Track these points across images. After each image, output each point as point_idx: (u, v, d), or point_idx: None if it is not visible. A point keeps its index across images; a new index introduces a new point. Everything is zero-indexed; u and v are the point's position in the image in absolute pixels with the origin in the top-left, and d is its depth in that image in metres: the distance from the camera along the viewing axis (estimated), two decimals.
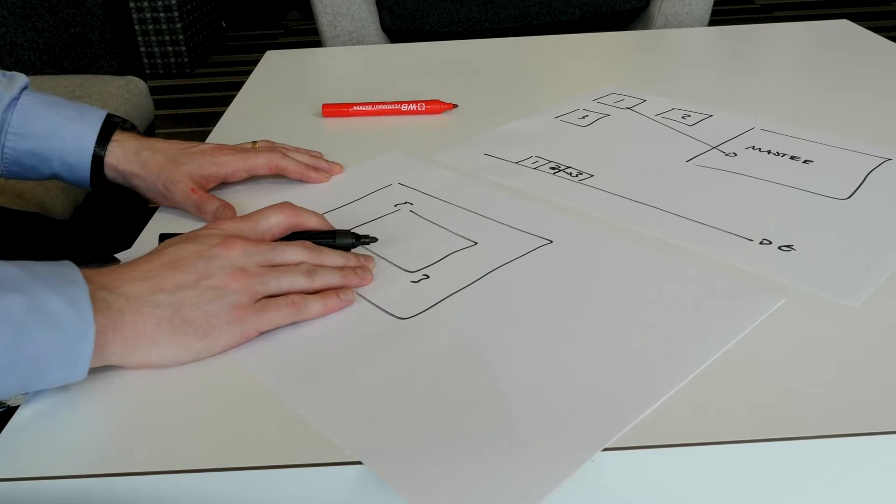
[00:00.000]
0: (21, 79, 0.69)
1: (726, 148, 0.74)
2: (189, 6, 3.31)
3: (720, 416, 0.42)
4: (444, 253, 0.58)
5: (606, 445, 0.40)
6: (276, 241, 0.56)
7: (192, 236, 0.51)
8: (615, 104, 0.88)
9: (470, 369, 0.46)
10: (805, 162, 0.71)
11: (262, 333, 0.50)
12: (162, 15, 3.19)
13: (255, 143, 0.75)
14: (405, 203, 0.67)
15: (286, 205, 0.57)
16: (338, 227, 0.61)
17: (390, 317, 0.51)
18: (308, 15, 1.62)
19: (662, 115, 0.84)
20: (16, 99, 0.68)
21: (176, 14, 3.19)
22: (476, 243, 0.60)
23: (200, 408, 0.44)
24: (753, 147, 0.74)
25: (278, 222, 0.55)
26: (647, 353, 0.47)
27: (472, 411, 0.43)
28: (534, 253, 0.58)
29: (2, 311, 0.40)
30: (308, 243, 0.55)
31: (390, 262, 0.58)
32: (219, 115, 0.92)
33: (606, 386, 0.44)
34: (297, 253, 0.53)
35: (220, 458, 0.41)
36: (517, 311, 0.51)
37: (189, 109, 2.97)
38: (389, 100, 0.89)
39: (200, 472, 0.40)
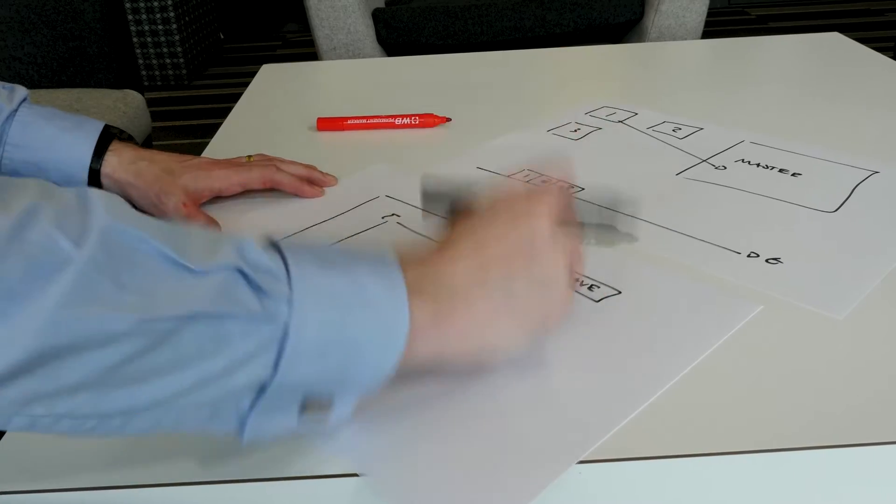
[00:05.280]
0: (21, 91, 0.70)
1: (716, 161, 0.75)
2: (187, 18, 3.33)
3: (701, 427, 0.42)
4: None
5: (585, 455, 0.41)
6: None
7: (515, 216, 0.45)
8: (607, 117, 0.89)
9: (453, 377, 0.47)
10: (793, 175, 0.72)
11: None
12: (160, 27, 3.21)
13: (250, 157, 0.76)
14: (392, 215, 0.68)
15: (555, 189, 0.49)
16: (324, 239, 0.62)
17: None
18: (306, 27, 1.63)
19: (654, 128, 0.85)
20: (15, 111, 0.69)
21: (174, 26, 3.21)
22: None
23: None
24: (743, 160, 0.75)
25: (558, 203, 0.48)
26: (626, 361, 0.47)
27: (458, 419, 0.43)
28: None
29: (329, 291, 0.37)
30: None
31: None
32: (217, 127, 0.93)
33: (584, 395, 0.45)
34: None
35: (215, 470, 0.41)
36: None
37: (187, 121, 2.98)
38: (384, 113, 0.90)
39: (196, 484, 0.41)
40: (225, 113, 0.83)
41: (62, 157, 0.69)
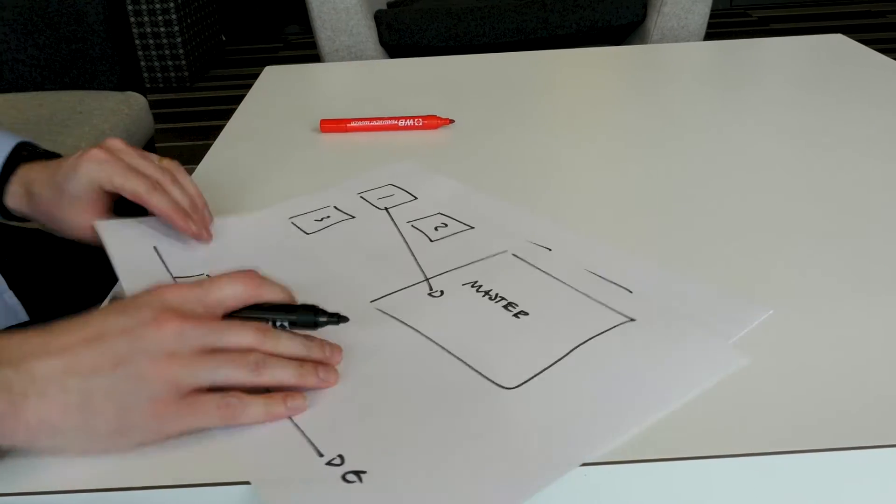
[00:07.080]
0: None
1: (439, 281, 0.57)
2: (189, 20, 3.33)
3: (705, 431, 0.42)
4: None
5: (593, 458, 0.40)
6: (228, 316, 0.46)
7: (124, 306, 0.44)
8: (377, 201, 0.71)
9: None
10: (517, 315, 0.52)
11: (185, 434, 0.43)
12: (162, 29, 3.21)
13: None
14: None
15: (248, 273, 0.47)
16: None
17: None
18: (308, 29, 1.64)
19: (416, 222, 0.66)
20: None
21: (176, 28, 3.21)
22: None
23: None
24: (473, 284, 0.56)
25: (234, 294, 0.46)
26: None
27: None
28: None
29: None
30: (264, 325, 0.46)
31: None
32: (219, 129, 0.93)
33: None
34: (246, 335, 0.44)
35: (222, 472, 0.41)
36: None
37: (189, 123, 2.99)
38: (387, 115, 0.90)
39: (202, 486, 0.41)
40: (227, 115, 0.83)
41: None
